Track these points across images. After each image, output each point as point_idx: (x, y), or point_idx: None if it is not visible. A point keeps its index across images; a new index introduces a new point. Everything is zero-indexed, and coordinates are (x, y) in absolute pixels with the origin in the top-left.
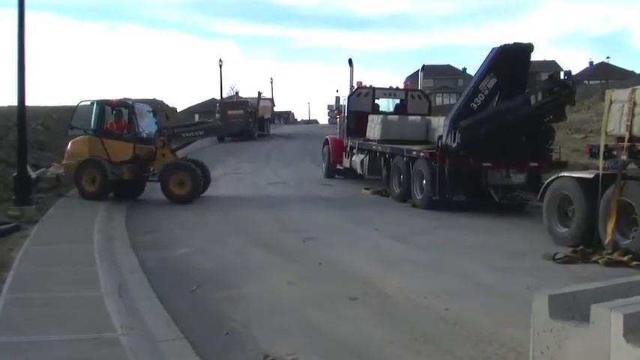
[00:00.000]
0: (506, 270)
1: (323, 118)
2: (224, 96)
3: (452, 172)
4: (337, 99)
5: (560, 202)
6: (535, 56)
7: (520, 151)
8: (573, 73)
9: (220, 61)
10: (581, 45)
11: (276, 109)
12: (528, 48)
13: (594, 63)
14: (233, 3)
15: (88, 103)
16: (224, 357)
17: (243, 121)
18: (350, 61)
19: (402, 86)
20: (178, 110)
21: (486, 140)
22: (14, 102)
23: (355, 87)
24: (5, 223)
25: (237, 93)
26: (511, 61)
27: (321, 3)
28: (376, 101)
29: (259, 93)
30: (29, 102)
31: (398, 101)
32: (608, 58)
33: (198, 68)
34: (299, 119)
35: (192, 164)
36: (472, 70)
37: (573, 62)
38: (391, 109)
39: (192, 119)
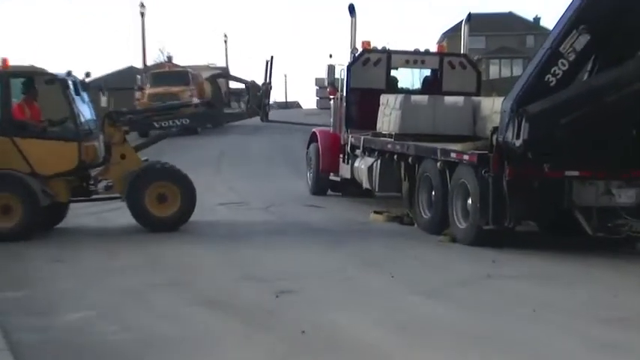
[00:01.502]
0: (610, 346)
1: (309, 100)
2: (149, 64)
3: (514, 186)
4: (331, 69)
5: None
6: None
7: (628, 153)
8: None
9: (142, 5)
10: None
11: (233, 85)
12: None
13: None
14: None
15: None
16: None
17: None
18: (351, 9)
19: (434, 49)
20: None
21: (571, 135)
22: None
23: (360, 50)
24: None
25: (169, 59)
26: (614, 6)
27: None
28: (393, 72)
29: (271, 57)
30: None
31: (428, 72)
32: None
33: (104, 19)
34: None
35: (176, 168)
36: (549, 22)
37: None
38: (417, 86)
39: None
